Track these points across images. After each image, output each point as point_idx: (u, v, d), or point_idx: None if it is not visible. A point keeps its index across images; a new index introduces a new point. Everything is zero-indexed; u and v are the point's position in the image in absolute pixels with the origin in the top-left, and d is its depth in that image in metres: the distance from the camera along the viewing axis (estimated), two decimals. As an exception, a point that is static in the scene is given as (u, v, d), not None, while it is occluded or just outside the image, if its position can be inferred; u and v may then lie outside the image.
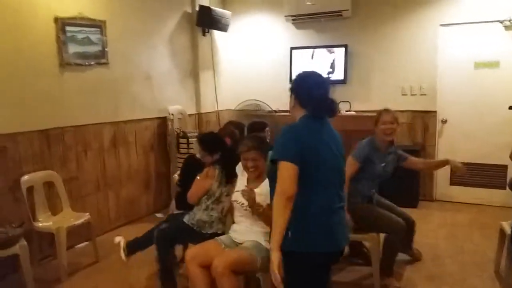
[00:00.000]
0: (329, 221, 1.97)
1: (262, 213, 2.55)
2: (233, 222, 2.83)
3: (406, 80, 5.43)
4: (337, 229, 2.01)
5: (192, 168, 3.39)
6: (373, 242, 3.11)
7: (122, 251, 3.22)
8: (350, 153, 3.17)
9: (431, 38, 5.25)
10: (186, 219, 3.05)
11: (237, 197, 2.73)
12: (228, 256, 2.48)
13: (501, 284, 3.19)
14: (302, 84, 2.14)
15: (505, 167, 5.05)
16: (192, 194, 3.04)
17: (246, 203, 2.63)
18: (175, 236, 3.06)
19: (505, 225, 3.28)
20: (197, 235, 2.91)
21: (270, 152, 3.13)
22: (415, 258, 3.59)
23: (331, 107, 2.05)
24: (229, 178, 3.00)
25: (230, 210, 2.88)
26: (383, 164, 3.27)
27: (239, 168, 2.90)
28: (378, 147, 3.26)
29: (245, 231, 2.70)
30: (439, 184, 5.48)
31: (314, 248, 1.94)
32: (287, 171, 1.85)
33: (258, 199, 2.58)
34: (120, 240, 3.31)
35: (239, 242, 2.69)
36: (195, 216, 3.02)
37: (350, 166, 3.10)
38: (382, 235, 3.18)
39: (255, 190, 2.62)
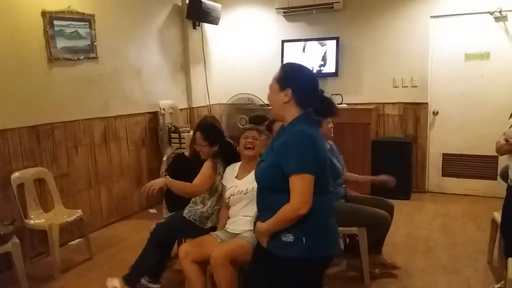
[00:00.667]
0: (333, 223, 1.97)
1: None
2: (228, 218, 2.80)
3: (397, 72, 5.44)
4: (337, 229, 2.02)
5: (179, 168, 3.37)
6: (361, 235, 3.13)
7: None
8: None
9: (422, 30, 5.26)
10: (186, 214, 2.97)
11: (232, 191, 2.72)
12: (227, 247, 2.46)
13: (494, 274, 3.22)
14: (300, 78, 1.93)
15: (496, 157, 5.08)
16: (202, 184, 2.85)
17: (244, 190, 2.65)
18: (173, 232, 3.02)
19: (497, 216, 3.31)
20: (197, 230, 2.86)
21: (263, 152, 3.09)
22: (387, 266, 3.33)
23: (333, 107, 1.97)
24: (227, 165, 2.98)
25: (226, 206, 2.86)
26: (336, 159, 3.32)
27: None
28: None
29: (243, 221, 2.67)
30: (431, 175, 5.51)
31: (328, 250, 1.91)
32: (308, 184, 1.76)
33: (248, 186, 2.61)
34: (112, 283, 2.99)
35: (237, 232, 2.66)
36: (197, 211, 2.95)
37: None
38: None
39: (245, 178, 2.69)
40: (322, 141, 1.88)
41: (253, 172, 2.66)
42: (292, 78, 1.92)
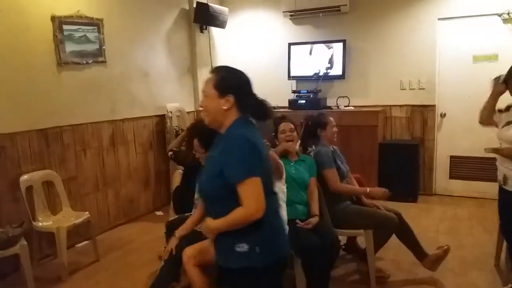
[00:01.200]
0: (282, 224, 1.96)
1: None
2: None
3: (404, 75, 5.42)
4: (285, 228, 2.03)
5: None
6: (368, 238, 3.12)
7: None
8: (322, 167, 3.15)
9: (429, 32, 5.24)
10: (197, 228, 2.81)
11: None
12: (200, 245, 2.51)
13: (501, 277, 3.19)
14: (240, 82, 1.88)
15: (504, 160, 5.05)
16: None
17: None
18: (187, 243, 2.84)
19: None
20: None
21: None
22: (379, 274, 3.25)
23: (270, 110, 1.92)
24: None
25: None
26: (340, 162, 3.32)
27: None
28: (328, 149, 3.29)
29: None
30: (438, 177, 5.48)
31: (283, 252, 1.88)
32: (258, 187, 1.69)
33: None
34: None
35: None
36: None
37: (334, 175, 3.15)
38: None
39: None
40: (262, 143, 1.83)
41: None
42: (232, 82, 1.85)
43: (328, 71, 5.68)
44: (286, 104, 5.79)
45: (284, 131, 3.16)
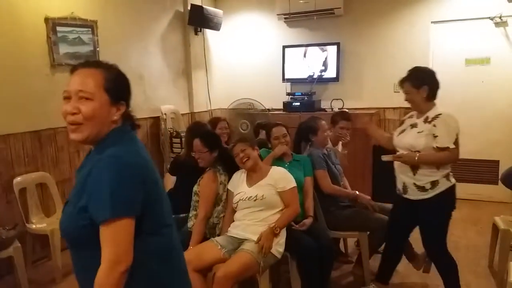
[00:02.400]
0: (181, 264, 1.49)
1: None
2: (233, 221, 2.81)
3: (398, 77, 5.26)
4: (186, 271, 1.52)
5: (180, 170, 3.38)
6: (363, 240, 3.14)
7: None
8: (315, 168, 3.18)
9: (422, 35, 5.28)
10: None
11: (241, 196, 2.75)
12: (231, 267, 2.43)
13: (495, 279, 3.22)
14: (126, 84, 1.54)
15: (497, 162, 5.10)
16: (205, 213, 2.82)
17: (254, 196, 2.69)
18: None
19: (498, 220, 3.31)
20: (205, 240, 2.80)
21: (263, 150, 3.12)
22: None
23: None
24: (228, 173, 2.98)
25: (231, 211, 2.86)
26: (333, 164, 3.35)
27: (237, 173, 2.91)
28: (320, 151, 3.32)
29: (247, 225, 2.68)
30: (432, 180, 5.50)
31: None
32: (124, 230, 1.24)
33: (266, 191, 2.71)
34: None
35: (241, 237, 2.66)
36: (207, 224, 2.86)
37: (325, 177, 3.18)
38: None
39: (255, 185, 2.76)
40: (144, 163, 1.36)
41: (263, 180, 2.74)
42: (126, 86, 1.53)
43: (322, 73, 5.70)
44: (281, 107, 5.81)
45: (277, 137, 3.19)
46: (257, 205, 2.68)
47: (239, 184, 2.81)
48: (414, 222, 2.78)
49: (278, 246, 2.60)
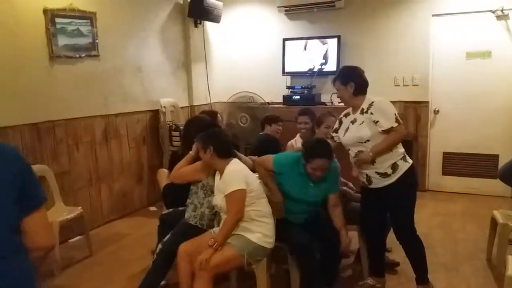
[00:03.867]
0: None
1: None
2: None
3: (398, 71, 5.43)
4: None
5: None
6: (361, 235, 3.14)
7: None
8: None
9: (423, 28, 5.25)
10: (191, 221, 2.85)
11: (213, 203, 2.74)
12: (212, 259, 2.43)
13: (492, 272, 3.23)
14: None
15: (496, 156, 5.10)
16: (181, 177, 2.89)
17: (218, 205, 2.66)
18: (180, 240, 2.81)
19: (497, 214, 3.31)
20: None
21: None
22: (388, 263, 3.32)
23: None
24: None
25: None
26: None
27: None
28: None
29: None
30: (431, 174, 5.51)
31: None
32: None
33: (220, 201, 2.63)
34: None
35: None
36: (203, 216, 2.85)
37: None
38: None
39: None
40: None
41: (220, 182, 2.65)
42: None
43: (323, 67, 5.68)
44: (281, 100, 5.79)
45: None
46: (222, 211, 2.66)
47: (216, 187, 2.76)
48: (384, 209, 2.87)
49: (267, 237, 2.58)
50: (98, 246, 3.86)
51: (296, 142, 3.73)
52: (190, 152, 2.94)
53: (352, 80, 2.80)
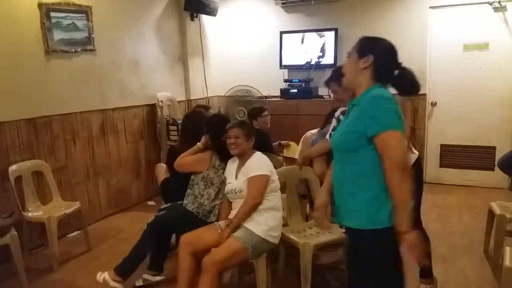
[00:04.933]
0: None
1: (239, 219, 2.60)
2: (230, 210, 2.80)
3: (396, 63, 5.41)
4: None
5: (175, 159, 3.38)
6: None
7: (113, 283, 2.90)
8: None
9: (420, 20, 5.23)
10: (189, 207, 2.91)
11: (229, 188, 2.75)
12: (220, 253, 2.46)
13: (490, 264, 3.24)
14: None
15: (493, 148, 5.11)
16: (183, 165, 2.97)
17: (237, 188, 2.66)
18: (173, 225, 2.97)
19: (494, 206, 3.32)
20: (200, 223, 2.81)
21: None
22: None
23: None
24: (225, 160, 2.98)
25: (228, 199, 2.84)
26: None
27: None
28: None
29: None
30: (429, 166, 5.52)
31: None
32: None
33: (241, 183, 2.65)
34: (102, 276, 2.94)
35: None
36: (201, 204, 2.89)
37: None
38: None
39: (239, 178, 2.70)
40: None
41: (241, 171, 2.68)
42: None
43: (320, 60, 5.66)
44: (278, 93, 5.78)
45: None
46: (239, 197, 2.67)
47: (231, 173, 2.79)
48: None
49: (272, 231, 2.59)
50: (96, 241, 3.86)
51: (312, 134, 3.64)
52: (198, 143, 3.00)
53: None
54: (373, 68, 1.82)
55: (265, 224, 2.57)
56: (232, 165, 2.83)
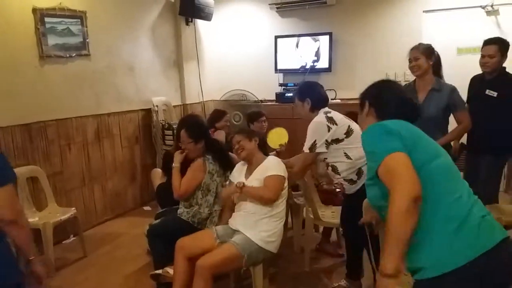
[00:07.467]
0: None
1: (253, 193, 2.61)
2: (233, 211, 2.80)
3: (390, 67, 5.45)
4: None
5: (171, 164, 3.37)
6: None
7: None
8: None
9: (414, 24, 5.27)
10: (183, 216, 2.90)
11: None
12: (214, 257, 2.45)
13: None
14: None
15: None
16: (188, 187, 2.92)
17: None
18: (168, 235, 2.90)
19: (489, 209, 3.32)
20: (195, 231, 2.80)
21: None
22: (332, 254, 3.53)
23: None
24: (226, 166, 2.98)
25: (227, 203, 2.84)
26: None
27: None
28: None
29: (243, 216, 2.66)
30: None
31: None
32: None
33: (255, 183, 2.65)
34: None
35: (233, 228, 2.67)
36: (196, 213, 2.89)
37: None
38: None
39: (250, 177, 2.71)
40: None
41: (255, 171, 2.69)
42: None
43: (315, 64, 5.68)
44: (273, 98, 5.79)
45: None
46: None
47: (239, 176, 2.79)
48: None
49: (267, 237, 2.58)
50: (92, 246, 3.83)
51: None
52: (173, 164, 3.00)
53: (308, 96, 2.83)
54: (374, 111, 1.80)
55: (264, 230, 2.57)
56: (241, 168, 2.84)
